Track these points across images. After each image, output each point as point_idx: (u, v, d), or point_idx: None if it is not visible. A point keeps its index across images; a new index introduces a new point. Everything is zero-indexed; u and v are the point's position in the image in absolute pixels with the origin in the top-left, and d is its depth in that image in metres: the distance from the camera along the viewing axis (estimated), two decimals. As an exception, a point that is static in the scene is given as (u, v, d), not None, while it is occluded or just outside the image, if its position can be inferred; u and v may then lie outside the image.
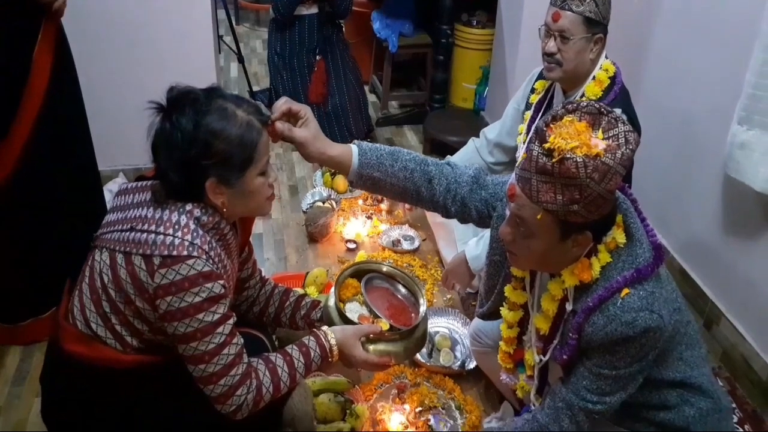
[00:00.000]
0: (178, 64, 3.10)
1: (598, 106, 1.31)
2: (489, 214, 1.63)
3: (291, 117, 1.54)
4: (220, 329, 1.47)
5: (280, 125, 1.52)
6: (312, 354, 1.67)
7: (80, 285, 1.56)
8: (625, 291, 1.33)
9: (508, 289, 1.63)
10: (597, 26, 2.06)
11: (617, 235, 1.36)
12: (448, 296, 2.65)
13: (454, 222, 2.61)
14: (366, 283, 1.92)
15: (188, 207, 1.45)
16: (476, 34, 3.89)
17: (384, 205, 3.16)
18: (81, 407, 1.59)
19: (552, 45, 2.09)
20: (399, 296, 1.96)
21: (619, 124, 1.28)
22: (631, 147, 1.25)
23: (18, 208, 2.09)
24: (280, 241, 3.00)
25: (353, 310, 1.87)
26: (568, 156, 1.21)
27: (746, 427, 2.07)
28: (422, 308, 1.88)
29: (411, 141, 4.01)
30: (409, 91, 4.48)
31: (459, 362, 2.30)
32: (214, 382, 1.49)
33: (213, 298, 1.44)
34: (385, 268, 2.00)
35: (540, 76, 2.34)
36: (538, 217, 1.29)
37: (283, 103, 1.54)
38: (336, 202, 3.14)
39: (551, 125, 1.28)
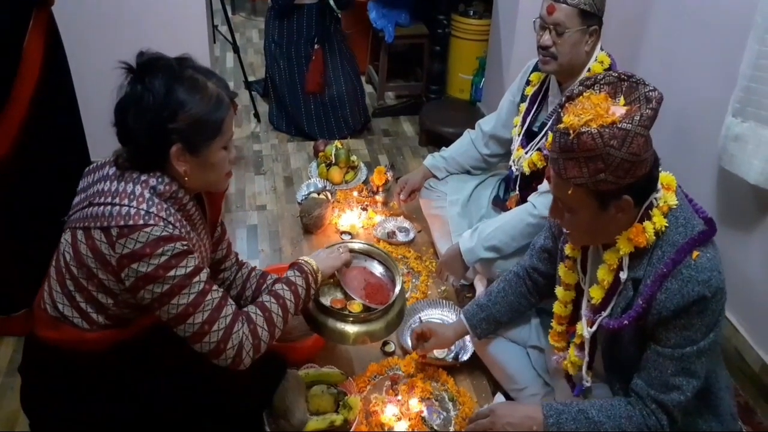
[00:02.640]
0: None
1: (617, 74, 1.37)
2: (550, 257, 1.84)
3: (421, 338, 2.04)
4: (196, 279, 1.47)
5: (420, 350, 2.06)
6: (294, 278, 1.73)
7: (49, 269, 1.57)
8: (696, 253, 1.36)
9: (561, 268, 1.65)
10: (592, 18, 2.05)
11: (668, 198, 1.40)
12: (443, 288, 2.65)
13: (449, 214, 2.63)
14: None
15: (143, 177, 1.46)
16: (473, 24, 3.86)
17: (379, 197, 3.16)
18: (58, 393, 1.59)
19: (547, 38, 2.08)
20: (377, 274, 1.95)
21: (640, 86, 1.33)
22: (651, 106, 1.29)
23: (9, 197, 2.08)
24: (275, 232, 3.00)
25: (328, 293, 1.88)
26: (583, 130, 1.27)
27: (738, 419, 2.09)
28: (398, 285, 1.87)
29: (407, 132, 4.00)
30: (406, 82, 4.45)
31: (452, 354, 2.30)
32: (207, 331, 1.48)
33: (179, 254, 1.43)
34: (357, 246, 2.00)
35: (535, 68, 2.33)
36: (569, 192, 1.34)
37: (416, 331, 2.05)
38: (331, 194, 3.13)
39: (567, 105, 1.34)
